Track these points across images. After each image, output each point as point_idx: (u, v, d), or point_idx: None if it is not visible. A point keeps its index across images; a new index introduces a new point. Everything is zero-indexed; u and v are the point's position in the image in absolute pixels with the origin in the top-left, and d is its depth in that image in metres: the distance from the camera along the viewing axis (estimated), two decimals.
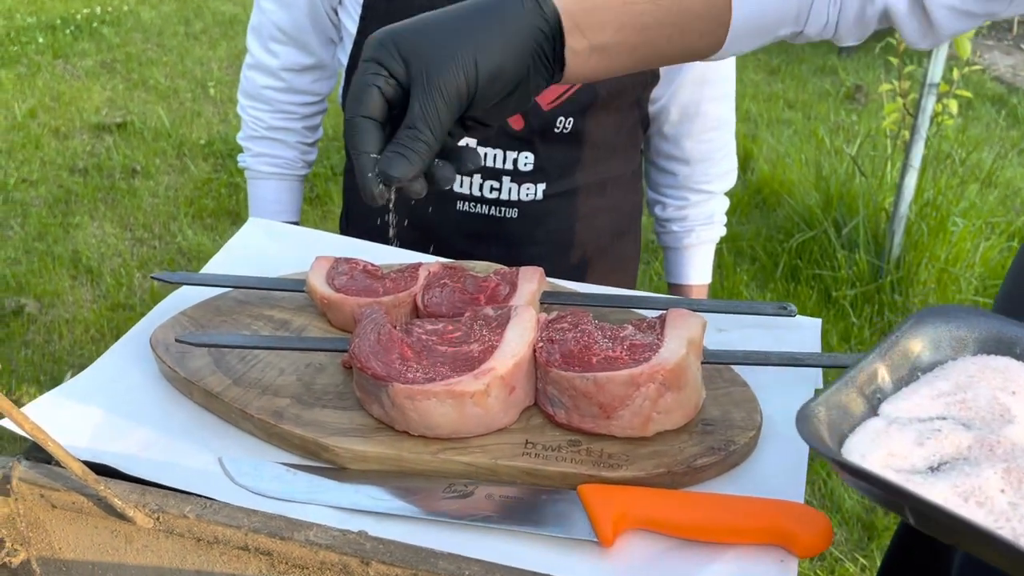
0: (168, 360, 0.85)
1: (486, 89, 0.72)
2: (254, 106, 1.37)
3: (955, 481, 0.51)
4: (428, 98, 0.70)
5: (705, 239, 1.44)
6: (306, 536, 0.65)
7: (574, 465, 0.74)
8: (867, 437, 0.56)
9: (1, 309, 3.08)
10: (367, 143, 0.73)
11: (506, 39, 0.72)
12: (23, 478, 0.70)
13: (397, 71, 0.72)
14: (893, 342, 0.61)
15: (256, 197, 1.43)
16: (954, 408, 0.57)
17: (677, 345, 0.76)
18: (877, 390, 0.59)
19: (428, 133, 0.71)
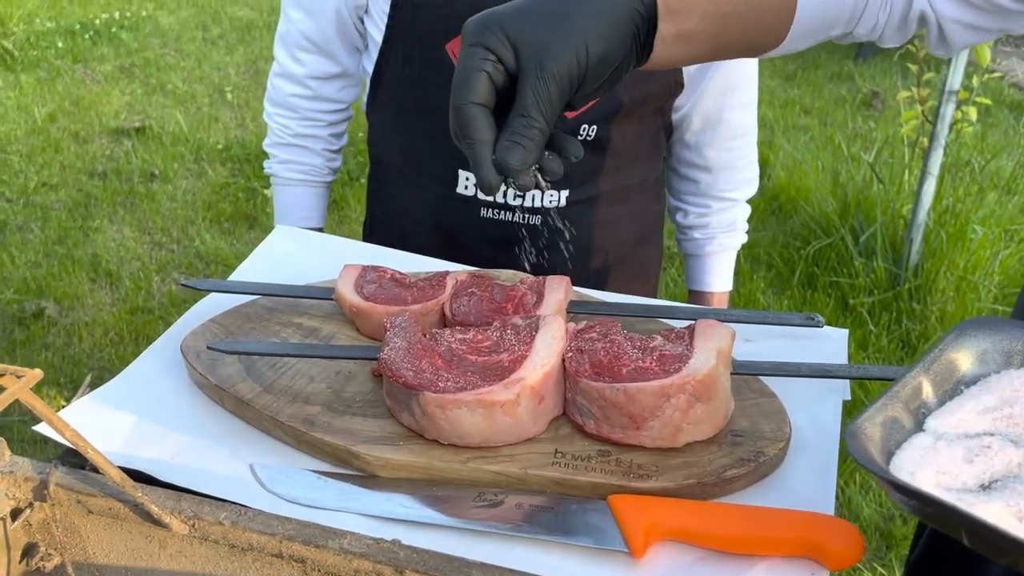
0: (199, 367, 0.86)
1: (594, 73, 0.72)
2: (280, 113, 1.38)
3: (1008, 500, 0.50)
4: (541, 84, 0.69)
5: (726, 246, 1.44)
6: (340, 544, 0.65)
7: (604, 475, 0.75)
8: (915, 454, 0.55)
9: (22, 312, 3.11)
10: (481, 131, 0.71)
11: (611, 22, 0.71)
12: (60, 483, 0.71)
13: (506, 57, 0.71)
14: (936, 356, 0.60)
15: (282, 203, 1.44)
16: (1001, 424, 0.57)
17: (707, 356, 0.76)
18: (922, 405, 0.59)
19: (542, 120, 0.71)
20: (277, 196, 1.44)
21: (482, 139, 0.71)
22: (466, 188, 1.24)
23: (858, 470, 2.49)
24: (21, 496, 0.72)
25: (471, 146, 0.71)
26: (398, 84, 1.25)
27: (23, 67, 5.11)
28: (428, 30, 1.18)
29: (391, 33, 1.22)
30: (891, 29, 0.87)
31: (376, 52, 1.26)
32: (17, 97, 4.73)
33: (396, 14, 1.20)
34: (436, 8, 1.17)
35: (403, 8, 1.19)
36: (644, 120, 1.27)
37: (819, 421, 0.84)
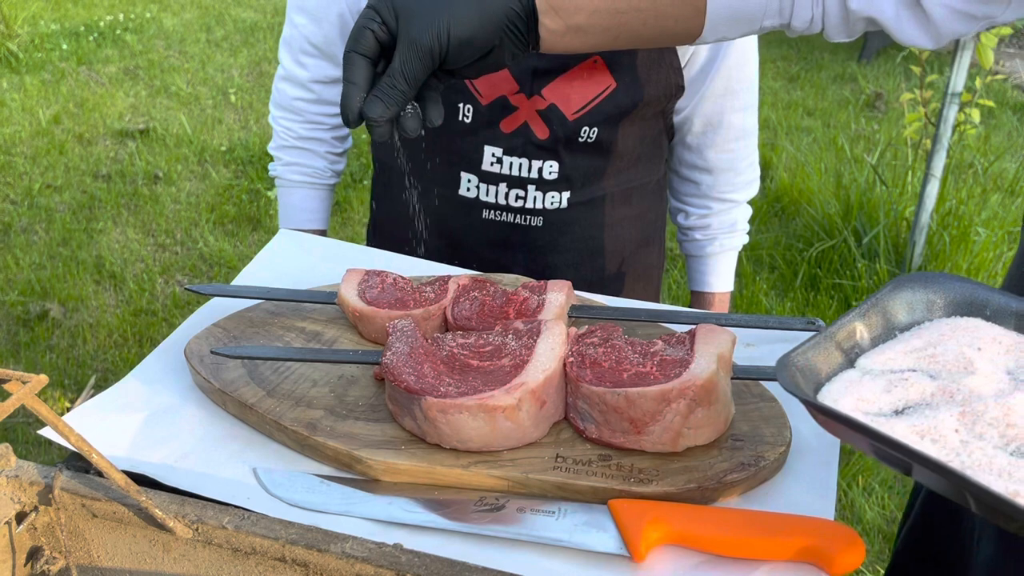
0: (203, 371, 0.86)
1: (456, 53, 0.82)
2: (285, 117, 1.39)
3: (915, 421, 0.55)
4: (406, 54, 0.81)
5: (728, 247, 1.45)
6: (342, 548, 0.66)
7: (605, 480, 0.75)
8: (841, 385, 0.60)
9: (26, 313, 3.12)
10: (356, 75, 0.83)
11: (480, 14, 0.82)
12: (65, 488, 0.71)
13: (389, 21, 0.83)
14: (873, 303, 0.65)
15: (286, 205, 1.45)
16: (924, 361, 0.61)
17: (707, 361, 0.77)
18: (855, 346, 0.64)
19: (403, 83, 0.82)
20: (281, 198, 1.46)
21: (354, 81, 0.83)
22: (468, 190, 1.24)
23: (861, 473, 2.49)
24: (26, 500, 0.72)
25: (345, 85, 0.83)
26: None
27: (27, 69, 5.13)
28: None
29: None
30: (832, 25, 0.90)
31: None
32: (21, 99, 4.74)
33: None
34: None
35: None
36: (645, 122, 1.27)
37: (819, 427, 0.84)
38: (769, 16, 0.89)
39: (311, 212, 1.44)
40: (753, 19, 0.89)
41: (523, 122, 1.19)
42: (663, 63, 1.20)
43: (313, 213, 1.44)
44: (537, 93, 1.17)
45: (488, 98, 1.18)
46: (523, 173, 1.23)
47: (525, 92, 1.17)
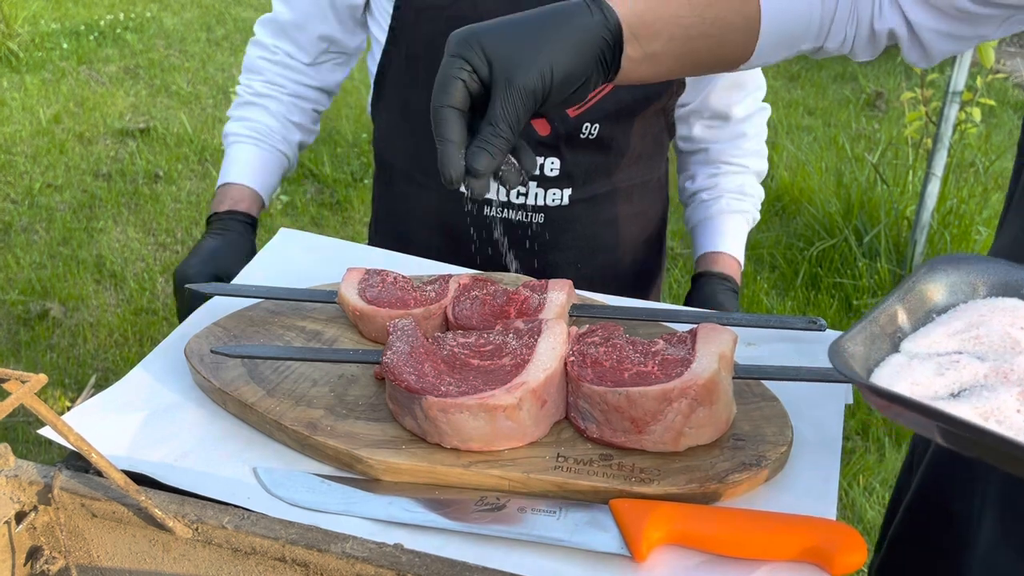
0: (203, 370, 0.86)
1: (558, 90, 0.79)
2: (246, 77, 1.36)
3: (975, 403, 0.55)
4: (508, 98, 0.77)
5: (735, 209, 1.38)
6: (342, 548, 0.65)
7: (606, 480, 0.75)
8: (891, 370, 0.60)
9: (26, 313, 3.12)
10: (451, 131, 0.78)
11: (577, 46, 0.79)
12: (64, 487, 0.71)
13: (480, 68, 0.78)
14: (909, 287, 0.65)
15: (227, 161, 1.33)
16: (969, 343, 0.62)
17: (709, 360, 0.76)
18: (897, 330, 0.64)
19: (507, 130, 0.78)
20: (226, 156, 1.35)
21: (452, 139, 0.78)
22: None
23: (861, 472, 2.49)
24: (26, 500, 0.72)
25: (441, 143, 0.78)
26: (402, 85, 1.26)
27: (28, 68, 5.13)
28: (431, 31, 1.18)
29: (394, 34, 1.22)
30: (860, 43, 0.90)
31: (380, 53, 1.26)
32: (22, 98, 4.74)
33: (399, 15, 1.21)
34: (439, 9, 1.17)
35: (406, 10, 1.20)
36: (646, 120, 1.27)
37: (821, 425, 0.84)
38: (807, 39, 0.89)
39: (249, 167, 1.32)
40: (796, 43, 0.89)
41: None
42: None
43: (251, 169, 1.32)
44: None
45: None
46: None
47: None
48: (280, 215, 3.77)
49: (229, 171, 1.32)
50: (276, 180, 1.36)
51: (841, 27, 0.88)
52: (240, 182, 1.30)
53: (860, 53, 0.92)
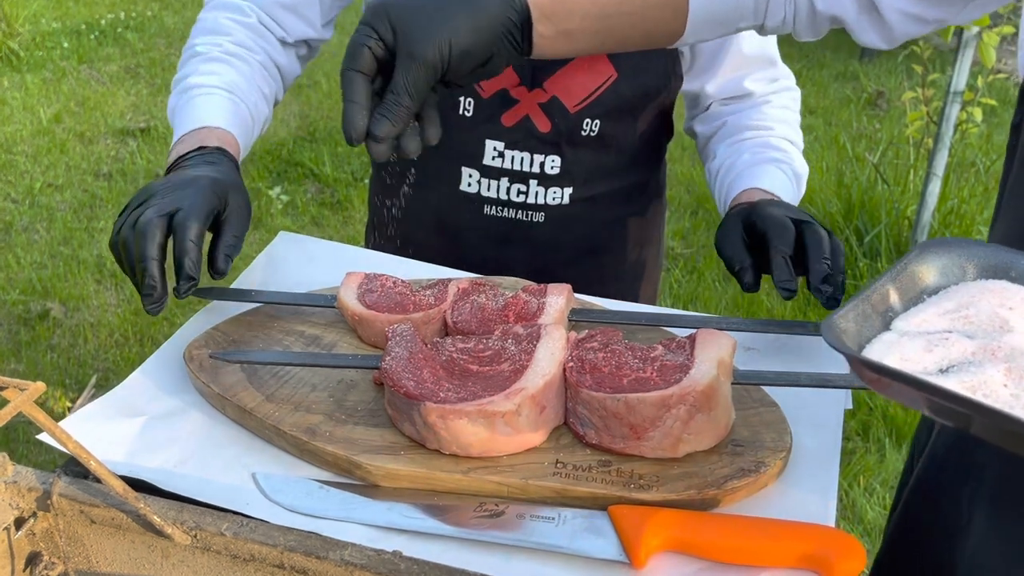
0: (202, 375, 0.86)
1: (457, 65, 0.83)
2: (212, 39, 1.20)
3: (963, 378, 0.57)
4: (409, 69, 0.81)
5: (764, 159, 1.22)
6: (341, 555, 0.65)
7: (604, 486, 0.75)
8: (882, 347, 0.61)
9: (27, 313, 3.12)
10: (356, 94, 0.82)
11: (479, 24, 0.82)
12: (63, 494, 0.71)
13: (386, 37, 0.82)
14: (901, 268, 0.67)
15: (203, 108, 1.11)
16: (958, 322, 0.63)
17: (708, 366, 0.76)
18: (888, 309, 0.65)
19: (407, 99, 0.82)
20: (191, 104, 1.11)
21: (356, 100, 0.82)
22: (469, 186, 1.24)
23: (862, 473, 2.49)
24: (25, 506, 0.72)
25: (346, 104, 0.82)
26: None
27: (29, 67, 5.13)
28: None
29: None
30: (802, 24, 0.93)
31: None
32: (23, 98, 4.74)
33: None
34: None
35: None
36: (645, 119, 1.27)
37: (820, 431, 0.84)
38: (745, 18, 0.91)
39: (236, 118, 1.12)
40: (730, 20, 0.91)
41: (524, 115, 1.19)
42: (663, 53, 1.20)
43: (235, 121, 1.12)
44: (538, 86, 1.17)
45: (489, 91, 1.18)
46: (525, 167, 1.23)
47: (526, 85, 1.17)
48: (280, 215, 3.78)
49: (206, 116, 1.09)
50: (249, 147, 1.17)
51: (779, 6, 0.91)
52: (226, 128, 1.09)
53: (802, 33, 0.94)
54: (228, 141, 1.08)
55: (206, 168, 0.99)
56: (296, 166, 4.13)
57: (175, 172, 1.00)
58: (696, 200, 3.85)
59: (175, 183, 0.95)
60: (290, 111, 4.63)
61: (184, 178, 0.96)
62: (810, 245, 0.98)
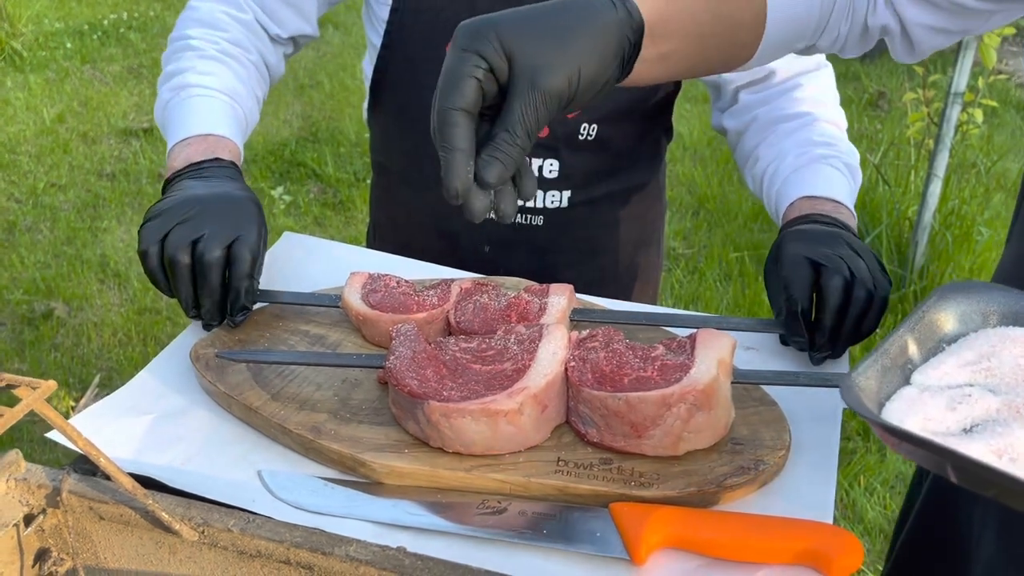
0: (208, 375, 0.87)
1: (582, 95, 0.72)
2: (208, 32, 1.18)
3: (989, 440, 0.55)
4: (531, 102, 0.68)
5: (812, 158, 1.13)
6: (346, 551, 0.66)
7: (605, 483, 0.76)
8: (903, 404, 0.59)
9: (31, 312, 3.14)
10: (460, 138, 0.68)
11: (603, 46, 0.71)
12: (72, 491, 0.72)
13: (499, 66, 0.69)
14: (919, 317, 0.65)
15: (206, 112, 1.10)
16: (980, 375, 0.61)
17: (708, 366, 0.77)
18: (908, 361, 0.63)
19: (525, 138, 0.69)
20: (193, 106, 1.10)
21: (460, 146, 0.69)
22: None
23: (862, 472, 2.50)
24: (34, 503, 0.73)
25: (447, 152, 0.69)
26: (399, 88, 1.26)
27: (32, 68, 5.14)
28: (429, 34, 1.18)
29: (390, 38, 1.22)
30: (853, 40, 0.89)
31: (375, 57, 1.27)
32: (26, 98, 4.75)
33: (395, 18, 1.21)
34: (436, 12, 1.18)
35: (403, 13, 1.20)
36: (645, 121, 1.28)
37: (819, 429, 0.85)
38: (804, 37, 0.86)
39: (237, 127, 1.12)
40: (795, 40, 0.86)
41: None
42: None
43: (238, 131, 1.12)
44: None
45: None
46: None
47: None
48: (283, 215, 3.79)
49: (214, 123, 1.09)
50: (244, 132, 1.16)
51: (836, 24, 0.87)
52: (232, 139, 1.09)
53: (850, 50, 0.90)
54: (236, 154, 1.08)
55: (234, 186, 0.98)
56: (298, 166, 4.14)
57: (199, 179, 0.99)
58: (697, 200, 3.86)
59: (221, 199, 0.94)
60: (293, 111, 4.64)
61: (226, 195, 0.95)
62: (824, 296, 0.90)
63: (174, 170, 1.03)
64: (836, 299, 0.89)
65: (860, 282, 0.90)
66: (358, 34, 5.49)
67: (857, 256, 0.94)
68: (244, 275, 0.90)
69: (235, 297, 0.90)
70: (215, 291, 0.90)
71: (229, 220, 0.91)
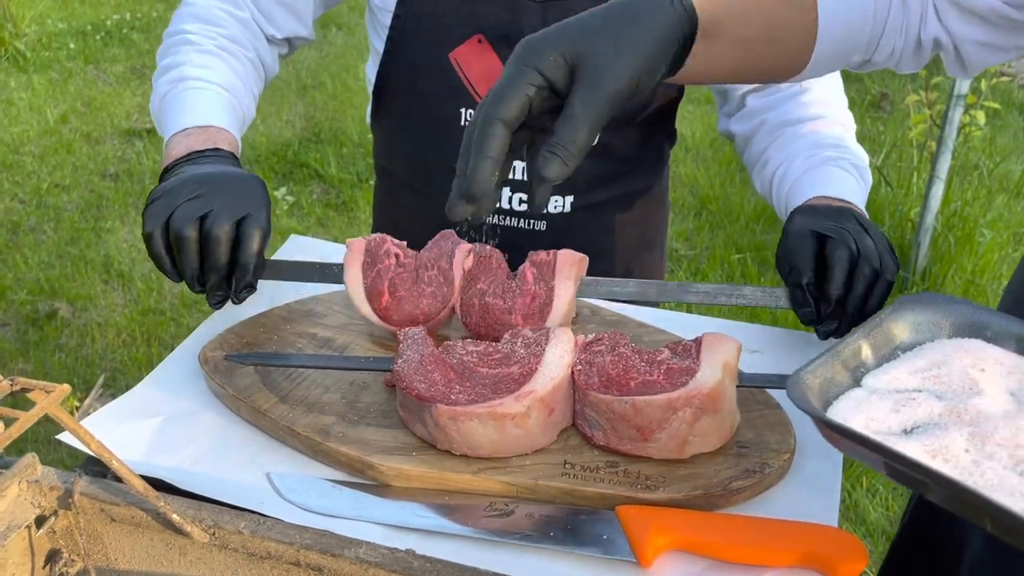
0: (216, 377, 0.88)
1: (639, 93, 0.73)
2: (205, 27, 1.18)
3: (925, 441, 0.57)
4: (595, 102, 0.69)
5: (822, 160, 1.12)
6: (356, 553, 0.67)
7: (612, 486, 0.76)
8: (850, 404, 0.61)
9: (35, 313, 3.15)
10: (494, 147, 0.71)
11: (663, 45, 0.73)
12: (84, 492, 0.73)
13: (556, 78, 0.71)
14: (877, 324, 0.67)
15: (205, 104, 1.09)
16: (929, 381, 0.63)
17: (713, 370, 0.78)
18: (860, 365, 0.65)
19: (586, 137, 0.71)
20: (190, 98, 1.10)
21: (492, 155, 0.71)
22: None
23: (865, 474, 2.50)
24: (46, 504, 0.74)
25: (479, 158, 0.71)
26: (402, 93, 1.26)
27: (35, 68, 5.15)
28: (432, 39, 1.19)
29: (393, 44, 1.23)
30: (907, 55, 0.88)
31: (378, 62, 1.27)
32: (29, 98, 4.77)
33: (398, 24, 1.21)
34: (439, 17, 1.18)
35: (406, 19, 1.20)
36: (648, 126, 1.28)
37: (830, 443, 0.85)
38: (857, 51, 0.86)
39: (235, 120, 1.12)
40: (847, 55, 0.86)
41: None
42: None
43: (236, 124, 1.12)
44: None
45: None
46: (526, 177, 1.24)
47: None
48: (286, 215, 3.79)
49: (213, 115, 1.08)
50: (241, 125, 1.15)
51: (891, 38, 0.86)
52: (230, 131, 1.09)
53: (906, 65, 0.90)
54: (235, 147, 1.08)
55: (238, 170, 0.97)
56: (301, 167, 4.15)
57: (200, 166, 0.98)
58: (700, 202, 3.86)
59: (228, 177, 0.93)
60: (295, 112, 4.64)
61: (233, 173, 0.94)
62: (828, 267, 0.89)
63: (173, 158, 1.02)
64: (841, 270, 0.88)
65: (866, 258, 0.89)
66: (360, 35, 5.49)
67: (864, 232, 0.94)
68: (253, 253, 0.89)
69: (242, 274, 0.90)
70: (222, 267, 0.89)
71: (237, 197, 0.91)
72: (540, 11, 1.14)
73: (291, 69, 4.99)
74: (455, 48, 1.18)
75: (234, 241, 0.90)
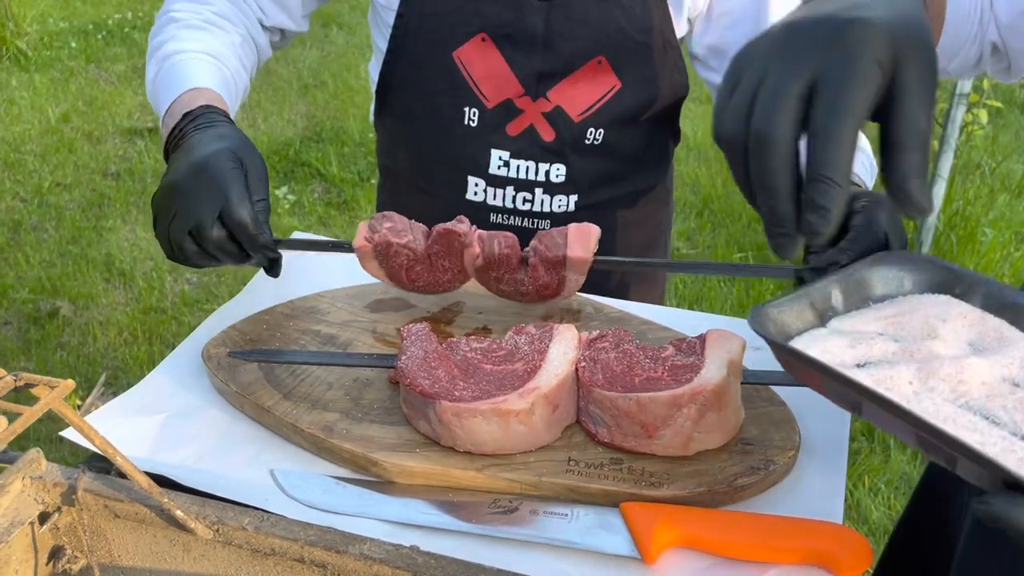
0: (220, 374, 0.88)
1: None
2: (190, 6, 1.18)
3: (872, 372, 0.58)
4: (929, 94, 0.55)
5: None
6: (360, 550, 0.67)
7: (616, 483, 0.76)
8: (809, 339, 0.63)
9: (37, 311, 3.15)
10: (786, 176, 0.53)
11: None
12: (88, 489, 0.72)
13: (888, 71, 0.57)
14: (851, 273, 0.68)
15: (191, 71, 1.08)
16: (891, 327, 0.64)
17: (718, 367, 0.78)
18: (829, 309, 0.66)
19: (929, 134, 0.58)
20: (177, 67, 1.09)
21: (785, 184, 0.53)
22: (475, 194, 1.25)
23: (867, 472, 2.50)
24: (50, 501, 0.74)
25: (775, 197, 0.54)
26: (406, 92, 1.26)
27: (37, 67, 5.15)
28: (436, 38, 1.19)
29: (396, 43, 1.23)
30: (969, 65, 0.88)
31: (381, 61, 1.27)
32: (31, 97, 4.77)
33: (402, 23, 1.21)
34: (443, 16, 1.18)
35: (409, 17, 1.20)
36: (651, 127, 1.28)
37: (828, 429, 0.85)
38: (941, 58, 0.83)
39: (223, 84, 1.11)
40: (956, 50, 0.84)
41: (529, 124, 1.20)
42: (667, 62, 1.21)
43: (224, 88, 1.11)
44: (543, 95, 1.18)
45: (494, 101, 1.19)
46: (530, 176, 1.24)
47: (530, 95, 1.18)
48: (287, 214, 3.79)
49: (193, 79, 1.06)
50: (233, 112, 1.12)
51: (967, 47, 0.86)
52: (213, 88, 1.07)
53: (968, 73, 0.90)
54: (217, 99, 1.05)
55: (211, 143, 0.94)
56: (302, 166, 4.15)
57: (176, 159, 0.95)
58: (702, 201, 3.86)
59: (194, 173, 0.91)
60: (297, 111, 4.64)
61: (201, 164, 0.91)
62: None
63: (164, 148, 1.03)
64: None
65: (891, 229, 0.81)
66: (362, 34, 5.49)
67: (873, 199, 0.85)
68: (248, 235, 0.90)
69: (259, 256, 0.94)
70: (238, 256, 0.93)
71: (208, 194, 0.89)
72: (543, 10, 1.14)
73: (292, 68, 4.99)
74: (459, 47, 1.18)
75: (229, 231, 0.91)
